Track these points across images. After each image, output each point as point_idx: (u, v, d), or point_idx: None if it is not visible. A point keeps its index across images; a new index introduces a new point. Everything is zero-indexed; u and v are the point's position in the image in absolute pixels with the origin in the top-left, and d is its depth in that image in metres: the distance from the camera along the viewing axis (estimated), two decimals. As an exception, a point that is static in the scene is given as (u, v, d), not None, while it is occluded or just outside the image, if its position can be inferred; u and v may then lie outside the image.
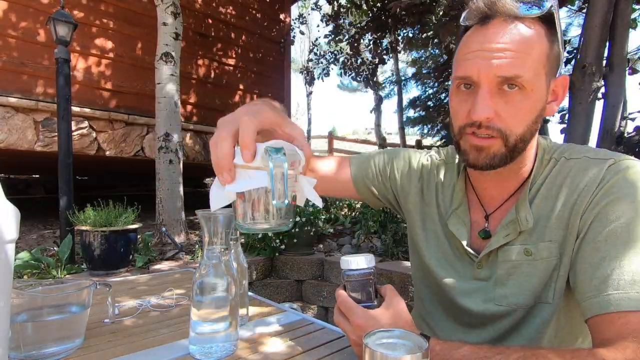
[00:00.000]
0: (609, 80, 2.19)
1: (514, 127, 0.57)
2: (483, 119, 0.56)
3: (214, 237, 0.63)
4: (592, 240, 0.55)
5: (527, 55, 0.54)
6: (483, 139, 0.58)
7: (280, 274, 3.16)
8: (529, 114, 0.57)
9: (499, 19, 0.56)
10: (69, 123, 2.64)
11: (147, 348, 0.66)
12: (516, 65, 0.54)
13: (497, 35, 0.55)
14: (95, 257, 2.39)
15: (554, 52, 0.58)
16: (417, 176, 0.79)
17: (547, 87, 0.58)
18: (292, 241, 3.19)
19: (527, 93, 0.56)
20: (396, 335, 0.53)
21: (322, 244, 3.57)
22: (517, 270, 0.63)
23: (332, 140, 9.75)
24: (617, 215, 0.53)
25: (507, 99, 0.56)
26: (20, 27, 3.15)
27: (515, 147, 0.58)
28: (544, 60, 0.56)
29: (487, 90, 0.56)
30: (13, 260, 0.48)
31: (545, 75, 0.57)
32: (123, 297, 0.97)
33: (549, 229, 0.61)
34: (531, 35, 0.55)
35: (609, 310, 0.50)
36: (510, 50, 0.54)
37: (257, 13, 4.99)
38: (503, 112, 0.56)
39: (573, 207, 0.59)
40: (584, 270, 0.55)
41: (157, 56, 3.30)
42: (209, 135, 4.26)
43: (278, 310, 0.89)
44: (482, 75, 0.55)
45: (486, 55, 0.55)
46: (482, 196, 0.70)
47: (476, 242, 0.69)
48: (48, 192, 5.97)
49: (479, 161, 0.60)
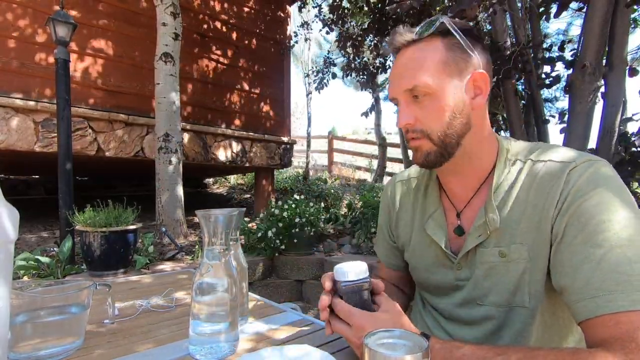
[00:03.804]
0: (608, 80, 2.19)
1: (433, 126, 0.66)
2: (404, 125, 0.67)
3: (213, 237, 0.63)
4: (569, 244, 0.57)
5: (419, 68, 0.65)
6: (414, 141, 0.68)
7: (280, 274, 3.16)
8: (443, 112, 0.65)
9: (403, 49, 0.69)
10: (68, 123, 2.64)
11: (147, 348, 0.66)
12: (412, 78, 0.65)
13: (399, 61, 0.69)
14: (95, 257, 2.39)
15: (456, 55, 0.66)
16: (387, 210, 0.90)
17: (458, 86, 0.66)
18: (292, 241, 3.18)
19: (435, 96, 0.65)
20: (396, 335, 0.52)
21: (322, 244, 3.57)
22: (493, 272, 0.67)
23: (332, 140, 9.74)
24: (587, 218, 0.56)
25: (420, 105, 0.66)
26: (20, 27, 3.15)
27: (444, 143, 0.66)
28: (440, 66, 0.64)
29: (403, 103, 0.67)
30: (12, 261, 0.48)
31: (449, 77, 0.65)
32: (123, 297, 0.96)
33: (520, 232, 0.64)
34: (424, 50, 0.66)
35: (597, 314, 0.51)
36: (405, 69, 0.67)
37: (256, 13, 4.99)
38: (420, 117, 0.66)
39: (542, 211, 0.61)
40: (566, 275, 0.57)
41: (157, 56, 3.29)
42: (208, 136, 4.26)
43: (278, 310, 0.89)
44: (396, 93, 0.68)
45: (397, 77, 0.68)
46: (452, 196, 0.76)
47: (455, 244, 0.73)
48: (48, 193, 5.97)
49: (418, 160, 0.70)
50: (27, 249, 2.74)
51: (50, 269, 2.33)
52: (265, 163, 4.93)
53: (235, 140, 4.57)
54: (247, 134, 4.66)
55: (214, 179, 7.85)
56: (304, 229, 3.18)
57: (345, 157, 10.05)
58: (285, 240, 3.17)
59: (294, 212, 3.20)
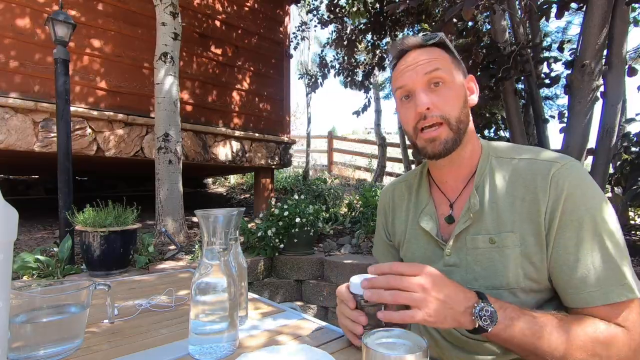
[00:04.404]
0: (608, 79, 2.19)
1: (451, 111, 0.72)
2: (424, 109, 0.71)
3: (213, 237, 0.63)
4: (564, 246, 0.64)
5: (437, 59, 0.73)
6: (432, 131, 0.72)
7: (280, 274, 3.16)
8: (457, 100, 0.73)
9: (412, 51, 0.76)
10: (68, 123, 2.64)
11: (146, 348, 0.66)
12: (433, 64, 0.72)
13: (414, 56, 0.75)
14: (95, 257, 2.39)
15: (456, 60, 0.76)
16: (383, 212, 0.95)
17: (462, 83, 0.76)
18: (292, 241, 3.18)
19: (450, 85, 0.72)
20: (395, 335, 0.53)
21: (322, 244, 3.57)
22: (483, 257, 0.72)
23: (331, 140, 9.74)
24: (578, 217, 0.64)
25: (437, 93, 0.72)
26: (19, 27, 3.14)
27: (459, 129, 0.73)
28: (450, 64, 0.74)
29: (421, 90, 0.72)
30: (12, 261, 0.48)
31: (457, 73, 0.75)
32: (123, 297, 0.96)
33: (510, 221, 0.70)
34: (435, 51, 0.75)
35: (588, 306, 0.61)
36: (426, 58, 0.73)
37: (256, 12, 4.98)
38: (438, 102, 0.72)
39: (531, 205, 0.68)
40: (560, 270, 0.65)
41: (156, 56, 3.29)
42: (208, 135, 4.26)
43: (278, 310, 0.89)
44: (414, 81, 0.73)
45: (411, 68, 0.74)
46: (445, 190, 0.81)
47: (446, 232, 0.79)
48: (48, 193, 5.96)
49: (437, 148, 0.73)
50: (27, 249, 2.74)
51: (50, 269, 2.33)
52: (265, 163, 4.93)
53: (235, 140, 4.57)
54: (246, 133, 4.66)
55: (213, 179, 7.85)
56: (304, 228, 3.17)
57: (345, 156, 10.05)
58: (285, 240, 3.17)
59: (293, 212, 3.20)
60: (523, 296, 0.69)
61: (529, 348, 0.59)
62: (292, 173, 7.93)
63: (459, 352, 0.76)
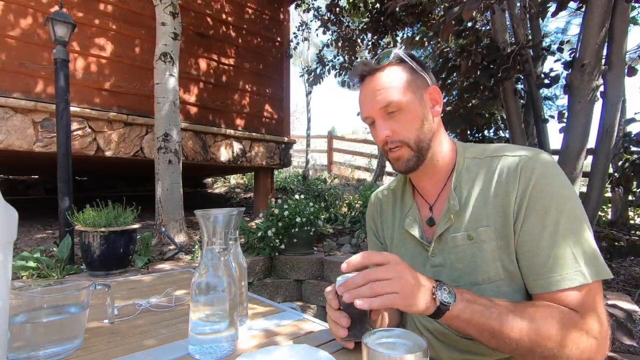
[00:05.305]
0: (608, 79, 2.18)
1: (409, 134, 0.77)
2: (384, 138, 0.77)
3: (213, 237, 0.63)
4: (528, 233, 0.68)
5: (392, 87, 0.76)
6: (395, 152, 0.79)
7: (280, 273, 3.16)
8: (414, 122, 0.77)
9: (369, 76, 0.80)
10: (68, 123, 2.64)
11: (146, 348, 0.66)
12: (386, 97, 0.76)
13: (371, 85, 0.79)
14: (95, 257, 2.39)
15: (413, 75, 0.78)
16: (372, 218, 0.99)
17: (420, 100, 0.78)
18: (292, 241, 3.18)
19: (405, 110, 0.76)
20: (395, 335, 0.53)
21: (322, 244, 3.57)
22: (464, 254, 0.75)
23: (331, 140, 9.74)
24: (544, 206, 0.67)
25: (395, 119, 0.77)
26: (19, 27, 3.14)
27: (420, 148, 0.78)
28: (405, 84, 0.77)
29: (380, 120, 0.78)
30: (11, 261, 0.48)
31: (413, 93, 0.77)
32: (122, 297, 0.96)
33: (485, 216, 0.73)
34: (389, 75, 0.78)
35: (544, 291, 0.65)
36: (379, 89, 0.77)
37: (256, 12, 4.98)
38: (396, 128, 0.77)
39: (504, 198, 0.71)
40: (523, 257, 0.68)
41: (156, 56, 3.29)
42: (208, 135, 4.26)
43: (278, 310, 0.89)
44: (372, 112, 0.78)
45: (369, 100, 0.79)
46: (424, 194, 0.86)
47: (429, 234, 0.82)
48: (47, 193, 5.96)
49: (401, 167, 0.80)
50: (26, 249, 2.74)
51: (50, 269, 2.33)
52: (264, 163, 4.93)
53: (235, 140, 4.57)
54: (246, 133, 4.66)
55: (213, 179, 7.85)
56: (304, 228, 3.17)
57: (345, 156, 10.05)
58: (284, 240, 3.17)
59: (293, 212, 3.20)
60: (506, 289, 0.71)
61: (487, 329, 0.61)
62: (292, 173, 7.93)
63: (452, 352, 0.78)
